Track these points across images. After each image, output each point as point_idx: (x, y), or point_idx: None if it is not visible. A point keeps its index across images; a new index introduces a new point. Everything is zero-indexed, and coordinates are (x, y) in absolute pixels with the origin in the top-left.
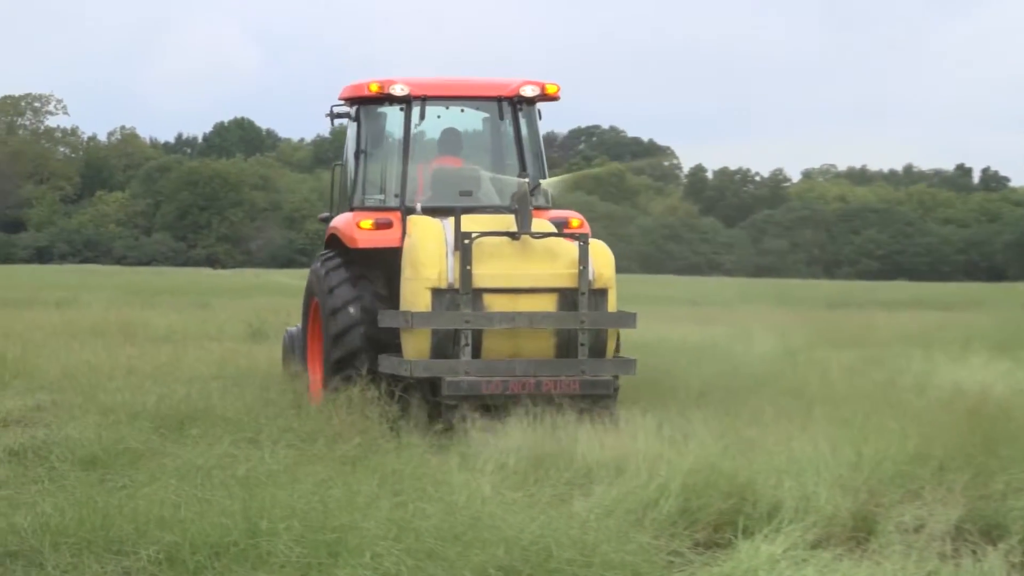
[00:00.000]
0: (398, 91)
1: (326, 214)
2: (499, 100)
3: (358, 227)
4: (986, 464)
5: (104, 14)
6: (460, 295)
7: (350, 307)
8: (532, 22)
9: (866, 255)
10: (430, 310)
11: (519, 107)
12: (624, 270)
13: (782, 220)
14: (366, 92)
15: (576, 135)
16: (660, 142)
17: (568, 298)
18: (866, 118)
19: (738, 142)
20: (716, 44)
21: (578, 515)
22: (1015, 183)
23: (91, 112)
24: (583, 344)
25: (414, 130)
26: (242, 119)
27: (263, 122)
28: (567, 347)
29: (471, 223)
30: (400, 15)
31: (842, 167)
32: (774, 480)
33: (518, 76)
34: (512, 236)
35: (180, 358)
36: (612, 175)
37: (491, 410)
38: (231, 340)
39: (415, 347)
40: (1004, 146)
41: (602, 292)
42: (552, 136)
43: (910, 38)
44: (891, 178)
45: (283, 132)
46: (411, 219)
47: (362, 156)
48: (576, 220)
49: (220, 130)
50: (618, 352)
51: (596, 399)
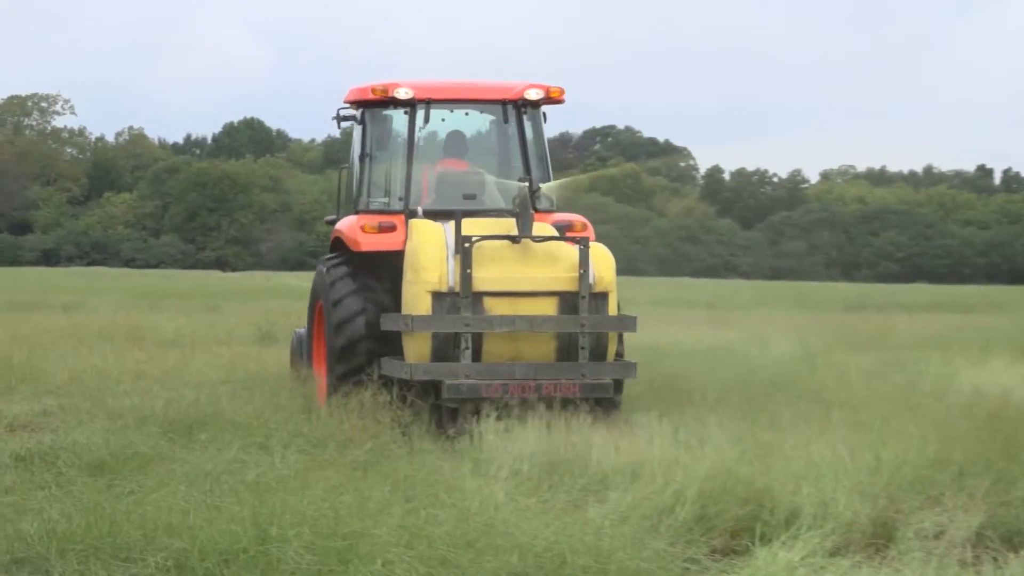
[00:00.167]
0: (402, 94)
1: (333, 216)
2: (503, 103)
3: (362, 230)
4: (1007, 469)
5: (112, 13)
6: (460, 298)
7: (353, 297)
8: (547, 20)
9: (885, 257)
10: (430, 313)
11: (523, 110)
12: (640, 272)
13: (800, 222)
14: (370, 95)
15: (591, 136)
16: (676, 142)
17: (568, 302)
18: (886, 118)
19: (756, 142)
20: (733, 42)
21: (593, 521)
22: None
23: (99, 112)
24: (583, 347)
25: (418, 133)
26: (252, 119)
27: (273, 122)
28: (568, 350)
29: (472, 227)
30: (414, 14)
31: (861, 168)
32: (792, 486)
33: (534, 75)
34: (512, 240)
35: (189, 362)
36: (627, 176)
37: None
38: (240, 344)
39: (416, 350)
40: None
41: (603, 296)
42: (567, 137)
43: (931, 35)
44: (911, 179)
45: (293, 132)
46: (412, 223)
47: (367, 159)
48: (580, 223)
49: (230, 130)
50: (620, 355)
51: (600, 402)
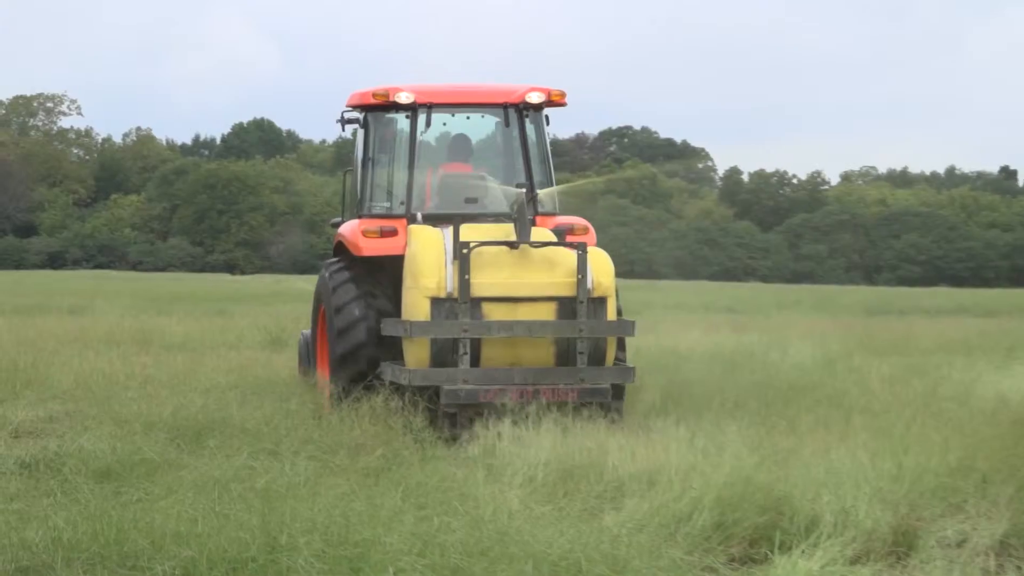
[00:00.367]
0: (403, 99)
1: (338, 220)
2: (505, 107)
3: (363, 235)
4: None
5: (119, 11)
6: (459, 304)
7: (354, 304)
8: (562, 19)
9: (907, 260)
10: (429, 319)
11: (525, 113)
12: (657, 275)
13: (820, 224)
14: (372, 100)
15: (607, 136)
16: (694, 143)
17: (567, 307)
18: (907, 118)
19: (775, 143)
20: (752, 42)
21: (609, 529)
22: None
23: (106, 113)
24: (582, 352)
25: (421, 137)
26: (262, 120)
27: (283, 123)
28: (566, 355)
29: (471, 232)
30: (429, 13)
31: (882, 169)
32: (812, 493)
33: (548, 75)
34: (511, 245)
35: (197, 367)
36: (644, 178)
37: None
38: (250, 348)
39: (415, 356)
40: None
41: (601, 300)
42: (583, 138)
43: (953, 35)
44: (933, 181)
45: (304, 133)
46: (411, 228)
47: (369, 163)
48: (581, 227)
49: (239, 131)
50: (622, 360)
51: (602, 406)
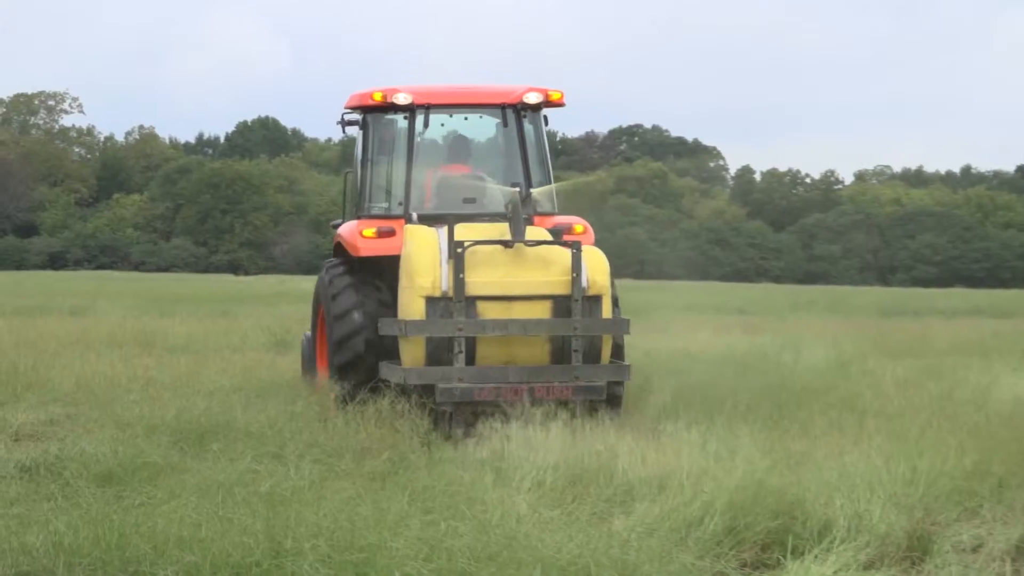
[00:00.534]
0: (401, 100)
1: (338, 221)
2: (503, 107)
3: (361, 235)
4: None
5: (121, 8)
6: (454, 303)
7: (354, 310)
8: (571, 17)
9: (922, 261)
10: (424, 318)
11: (523, 114)
12: (667, 276)
13: (833, 224)
14: (370, 101)
15: (617, 135)
16: (705, 142)
17: (562, 305)
18: (923, 117)
19: (788, 142)
20: (765, 39)
21: (619, 534)
22: None
23: (108, 111)
24: (576, 350)
25: (420, 137)
26: (266, 118)
27: (288, 121)
28: (561, 354)
29: (466, 231)
30: (435, 11)
31: (897, 168)
32: (825, 497)
33: (557, 74)
34: (505, 244)
35: (200, 369)
36: (655, 176)
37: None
38: (254, 350)
39: (411, 355)
40: None
41: (596, 299)
42: (592, 136)
43: (969, 32)
44: (949, 180)
45: (309, 132)
46: (407, 228)
47: (368, 164)
48: (579, 226)
49: (243, 130)
50: (620, 358)
51: (600, 403)
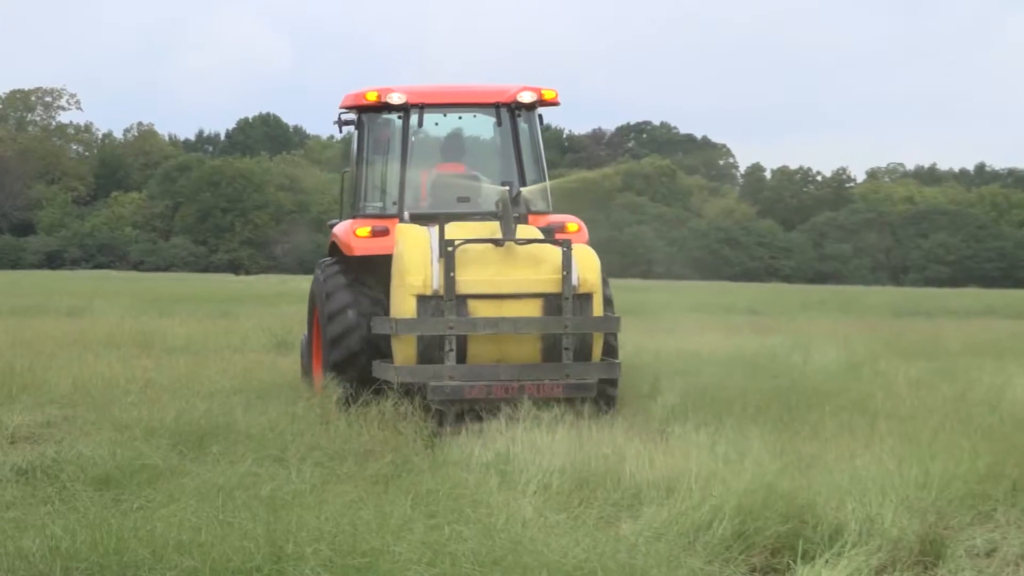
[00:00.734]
0: (395, 99)
1: (335, 220)
2: (497, 107)
3: (355, 235)
4: None
5: (119, 2)
6: (445, 301)
7: (348, 308)
8: (579, 12)
9: (935, 260)
10: (415, 317)
11: (517, 113)
12: (676, 276)
13: (845, 223)
14: (365, 101)
15: (625, 132)
16: (715, 139)
17: (553, 303)
18: (936, 114)
19: (799, 139)
20: (776, 33)
21: (626, 538)
22: None
23: (106, 107)
24: (567, 348)
25: (415, 137)
26: (267, 115)
27: (290, 118)
28: (553, 351)
29: (457, 230)
30: (441, 6)
31: (910, 166)
32: (836, 501)
33: (563, 71)
34: (496, 243)
35: (200, 370)
36: (663, 174)
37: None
38: (255, 351)
39: (403, 353)
40: None
41: (587, 297)
42: (599, 133)
43: (983, 28)
44: (962, 178)
45: (311, 129)
46: (398, 227)
47: (364, 163)
48: (573, 225)
49: (244, 126)
50: (612, 356)
51: (593, 401)
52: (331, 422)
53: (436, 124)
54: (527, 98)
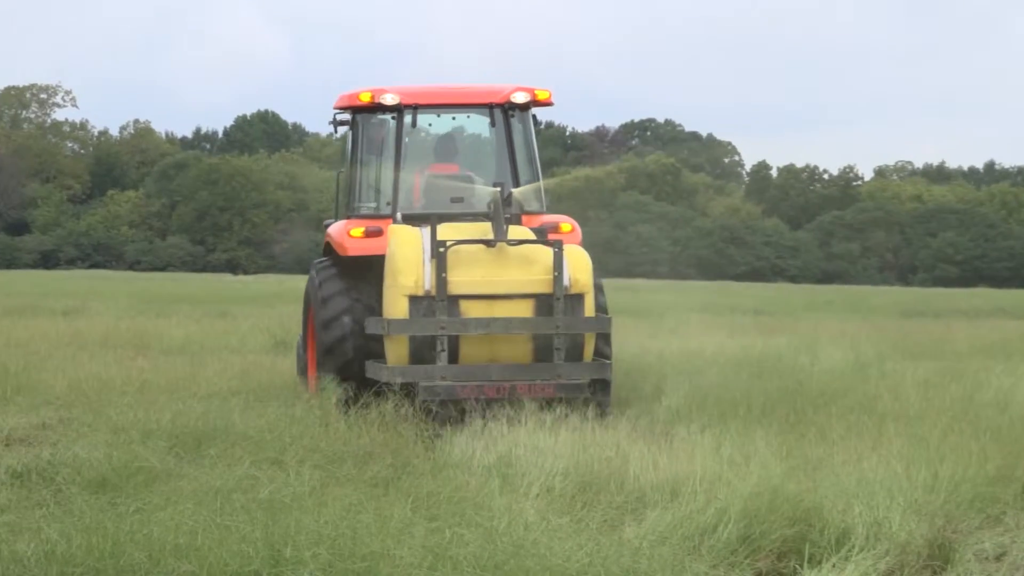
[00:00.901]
0: (388, 100)
1: (331, 220)
2: (490, 107)
3: (348, 235)
4: None
5: None
6: (436, 302)
7: (343, 315)
8: (582, 9)
9: (944, 260)
10: (407, 317)
11: (511, 113)
12: (680, 276)
13: (852, 222)
14: (359, 101)
15: (629, 129)
16: (720, 136)
17: (545, 304)
18: (945, 111)
19: (805, 137)
20: (782, 30)
21: (630, 542)
22: None
23: (102, 104)
24: (559, 349)
25: (408, 138)
26: (266, 112)
27: (289, 116)
28: (544, 352)
29: (449, 231)
30: (439, 2)
31: (918, 164)
32: (843, 504)
33: (566, 67)
34: (487, 243)
35: (197, 372)
36: (667, 172)
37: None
38: (253, 352)
39: (395, 353)
40: None
41: (578, 297)
42: (603, 130)
43: (992, 25)
44: (971, 176)
45: (310, 126)
46: (391, 228)
47: (358, 164)
48: (566, 225)
49: (242, 124)
50: (604, 356)
51: (588, 400)
52: (330, 424)
53: (430, 125)
54: (521, 98)
